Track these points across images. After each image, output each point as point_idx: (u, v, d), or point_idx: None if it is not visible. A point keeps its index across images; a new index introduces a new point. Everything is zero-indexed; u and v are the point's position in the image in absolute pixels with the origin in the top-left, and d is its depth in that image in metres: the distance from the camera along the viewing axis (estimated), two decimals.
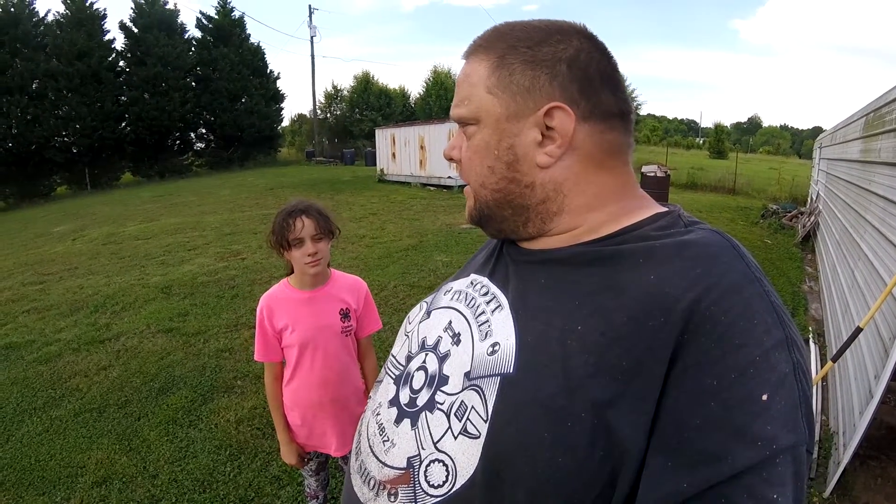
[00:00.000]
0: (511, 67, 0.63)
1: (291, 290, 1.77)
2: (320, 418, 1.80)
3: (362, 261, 6.86)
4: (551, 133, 0.63)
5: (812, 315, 5.12)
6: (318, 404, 1.78)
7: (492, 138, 0.65)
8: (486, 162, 0.67)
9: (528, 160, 0.64)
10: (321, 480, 2.03)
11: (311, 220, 1.65)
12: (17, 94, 22.06)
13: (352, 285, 1.85)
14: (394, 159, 17.30)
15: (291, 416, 1.83)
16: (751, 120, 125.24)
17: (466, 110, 0.67)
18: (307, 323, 1.73)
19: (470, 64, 0.67)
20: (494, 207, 0.69)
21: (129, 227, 10.49)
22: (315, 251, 1.65)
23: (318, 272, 1.71)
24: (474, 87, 0.66)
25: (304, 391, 1.77)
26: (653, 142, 47.06)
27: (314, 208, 1.69)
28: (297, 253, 1.65)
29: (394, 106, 36.97)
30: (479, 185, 0.69)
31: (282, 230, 1.65)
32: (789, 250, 7.95)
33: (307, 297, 1.75)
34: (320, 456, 1.95)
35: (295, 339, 1.73)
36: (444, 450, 0.60)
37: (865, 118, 4.83)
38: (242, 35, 30.35)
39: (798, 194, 14.23)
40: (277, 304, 1.76)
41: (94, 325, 4.96)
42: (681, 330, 0.51)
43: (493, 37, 0.66)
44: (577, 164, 0.64)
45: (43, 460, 2.90)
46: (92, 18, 24.48)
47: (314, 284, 1.76)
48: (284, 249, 1.67)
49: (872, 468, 2.60)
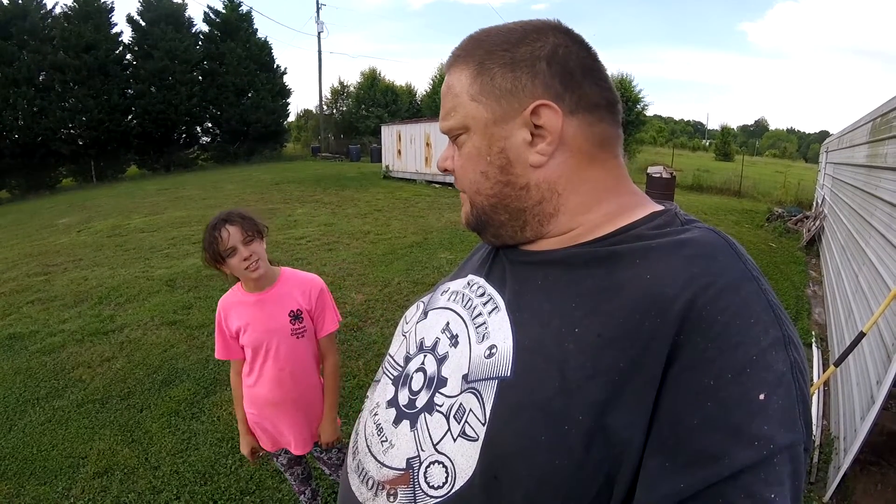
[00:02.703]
0: (491, 72, 0.64)
1: (243, 293, 1.79)
2: (276, 416, 1.83)
3: (366, 257, 6.87)
4: (540, 131, 0.63)
5: (815, 319, 5.10)
6: (272, 403, 1.80)
7: (482, 144, 0.66)
8: (479, 168, 0.67)
9: (520, 162, 0.64)
10: (297, 475, 2.07)
11: (235, 227, 1.65)
12: (24, 85, 22.10)
13: (304, 284, 1.83)
14: (399, 156, 17.28)
15: (250, 412, 1.86)
16: (757, 123, 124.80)
17: (454, 121, 0.67)
18: (258, 325, 1.75)
19: (451, 75, 0.68)
20: (491, 213, 0.69)
21: (134, 220, 10.51)
22: (249, 254, 1.66)
23: (261, 274, 1.71)
24: (458, 97, 0.66)
25: (259, 390, 1.81)
26: (659, 143, 46.93)
27: (235, 214, 1.70)
28: (234, 261, 1.65)
29: (400, 103, 36.92)
30: (474, 191, 0.69)
31: (211, 245, 1.65)
32: (793, 254, 7.91)
33: (256, 300, 1.76)
34: (288, 452, 1.96)
35: (248, 340, 1.76)
36: (443, 451, 0.60)
37: (872, 123, 4.81)
38: (250, 30, 30.33)
39: (803, 198, 14.17)
40: (231, 307, 1.79)
41: (97, 316, 4.98)
42: (677, 329, 0.51)
43: (471, 45, 0.67)
44: (569, 160, 0.64)
45: (45, 450, 2.92)
46: (99, 11, 24.49)
47: (261, 286, 1.77)
48: (220, 263, 1.68)
49: (873, 474, 2.59)
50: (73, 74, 23.20)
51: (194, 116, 28.53)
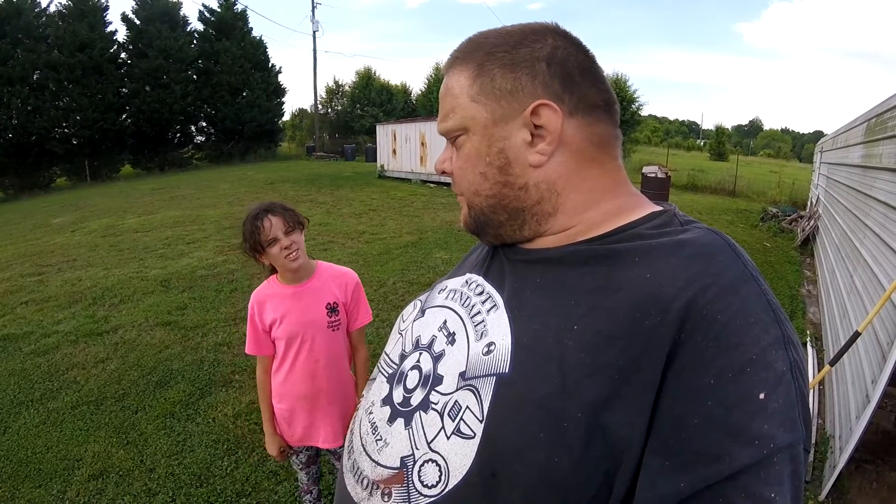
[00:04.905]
0: (491, 73, 0.64)
1: (279, 285, 1.80)
2: (307, 410, 1.83)
3: (361, 257, 6.86)
4: (540, 131, 0.63)
5: (810, 319, 5.13)
6: (304, 396, 1.80)
7: (482, 145, 0.66)
8: (478, 169, 0.67)
9: (520, 162, 0.65)
10: (311, 474, 2.05)
11: (277, 217, 1.68)
12: (18, 84, 21.97)
13: (340, 278, 1.86)
14: (395, 155, 17.28)
15: (279, 407, 1.86)
16: (752, 123, 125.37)
17: (452, 122, 0.67)
18: (294, 317, 1.76)
19: (450, 77, 0.68)
20: (490, 213, 0.69)
21: (129, 220, 10.47)
22: (290, 243, 1.68)
23: (300, 265, 1.73)
24: (457, 98, 0.66)
25: (291, 383, 1.80)
26: (653, 143, 47.07)
27: (277, 206, 1.73)
28: (274, 251, 1.67)
29: (395, 102, 36.86)
30: (472, 192, 0.69)
31: (252, 234, 1.67)
32: (788, 254, 7.95)
33: (294, 292, 1.77)
34: (310, 450, 1.97)
35: (282, 332, 1.76)
36: (437, 450, 0.60)
37: (867, 123, 4.84)
38: (245, 28, 30.23)
39: (798, 198, 14.26)
40: (266, 299, 1.79)
41: (92, 317, 4.95)
42: (677, 328, 0.51)
43: (469, 47, 0.67)
44: (568, 161, 0.65)
45: (40, 452, 2.90)
46: (94, 10, 24.36)
47: (299, 279, 1.78)
48: (260, 253, 1.70)
49: (868, 472, 2.61)
50: (67, 73, 23.06)
51: (189, 115, 28.43)
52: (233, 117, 28.91)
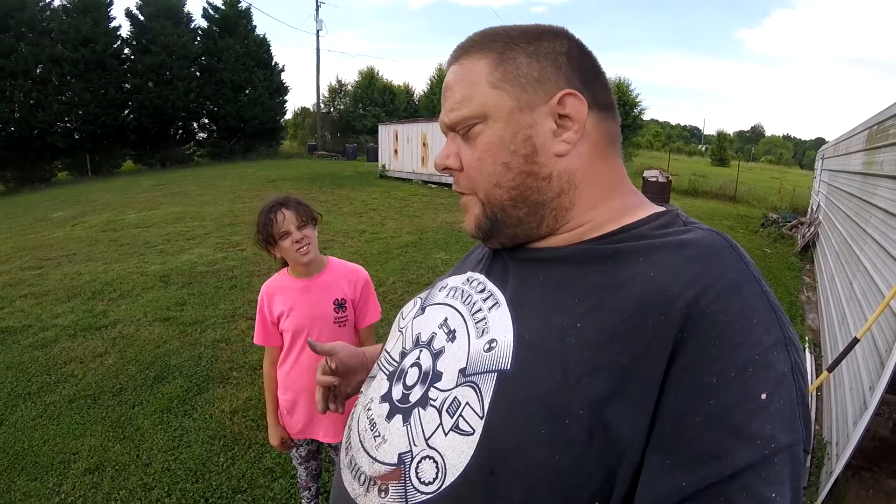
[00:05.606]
0: (516, 61, 0.64)
1: (289, 278, 1.82)
2: (310, 402, 1.82)
3: (361, 256, 6.86)
4: (565, 121, 0.64)
5: (809, 325, 5.13)
6: (307, 389, 1.81)
7: (505, 132, 0.64)
8: (501, 158, 0.65)
9: (545, 150, 0.64)
10: (310, 470, 2.05)
11: (291, 211, 1.71)
12: (21, 78, 22.00)
13: (350, 274, 1.87)
14: (396, 156, 17.29)
15: (283, 397, 1.87)
16: (754, 129, 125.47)
17: (468, 110, 0.65)
18: (301, 311, 1.78)
19: (463, 65, 0.67)
20: (510, 208, 0.67)
21: (129, 215, 10.47)
22: (301, 237, 1.70)
23: (311, 259, 1.75)
24: (475, 85, 0.65)
25: (296, 375, 1.82)
26: (655, 147, 47.11)
27: (292, 199, 1.75)
28: (286, 244, 1.70)
29: (397, 102, 36.92)
30: (492, 185, 0.67)
31: (265, 227, 1.70)
32: (788, 260, 7.96)
33: (303, 286, 1.79)
34: (311, 444, 1.97)
35: (289, 325, 1.78)
36: (434, 446, 0.60)
37: (868, 131, 4.83)
38: (248, 26, 30.29)
39: (798, 204, 14.27)
40: (276, 291, 1.81)
41: (90, 311, 4.95)
42: (680, 328, 0.51)
43: (485, 37, 0.67)
44: (587, 153, 0.66)
45: (36, 446, 2.90)
46: (98, 5, 24.38)
47: (310, 273, 1.80)
48: (272, 245, 1.72)
49: (864, 479, 2.61)
50: (70, 68, 23.10)
51: (191, 112, 28.48)
52: (235, 115, 28.95)
